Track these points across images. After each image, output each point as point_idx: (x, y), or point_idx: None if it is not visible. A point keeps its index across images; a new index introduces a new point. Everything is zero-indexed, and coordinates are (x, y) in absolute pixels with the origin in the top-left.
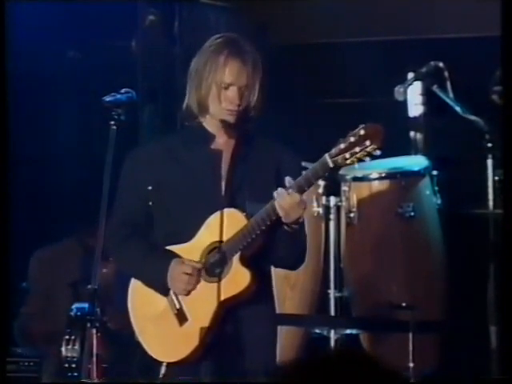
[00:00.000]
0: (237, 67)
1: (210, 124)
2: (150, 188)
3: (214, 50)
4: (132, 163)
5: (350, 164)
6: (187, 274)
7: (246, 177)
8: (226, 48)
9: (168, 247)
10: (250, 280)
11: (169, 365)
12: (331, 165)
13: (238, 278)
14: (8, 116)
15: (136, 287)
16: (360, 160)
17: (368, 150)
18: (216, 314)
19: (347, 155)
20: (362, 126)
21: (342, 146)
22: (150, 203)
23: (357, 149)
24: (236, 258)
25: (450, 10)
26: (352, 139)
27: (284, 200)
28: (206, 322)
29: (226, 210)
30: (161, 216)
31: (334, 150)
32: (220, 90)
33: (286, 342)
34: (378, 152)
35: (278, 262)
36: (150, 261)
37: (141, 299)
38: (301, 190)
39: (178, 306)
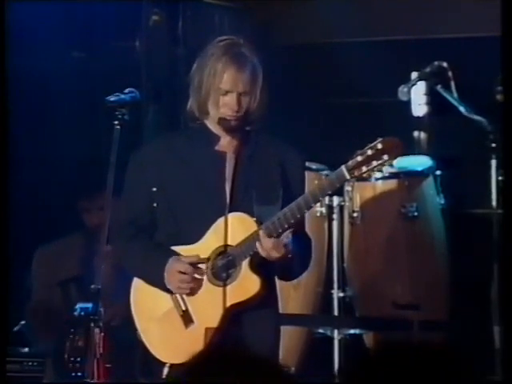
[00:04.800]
0: (234, 74)
1: (213, 125)
2: (154, 189)
3: (213, 55)
4: (136, 163)
5: (365, 177)
6: (181, 272)
7: (251, 178)
8: (225, 54)
9: (174, 248)
10: (259, 287)
11: (172, 366)
12: (348, 177)
13: (247, 284)
14: (10, 116)
15: (138, 285)
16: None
17: (385, 163)
18: (223, 318)
19: (364, 168)
20: (380, 139)
21: (359, 158)
22: (155, 204)
23: (374, 162)
24: (245, 264)
25: (453, 10)
26: (369, 152)
27: (264, 241)
28: (212, 326)
29: (235, 214)
30: (165, 217)
31: (350, 162)
32: (218, 96)
33: (289, 343)
34: (393, 164)
35: (279, 277)
36: (150, 258)
37: (144, 297)
38: (316, 201)
39: (183, 308)
